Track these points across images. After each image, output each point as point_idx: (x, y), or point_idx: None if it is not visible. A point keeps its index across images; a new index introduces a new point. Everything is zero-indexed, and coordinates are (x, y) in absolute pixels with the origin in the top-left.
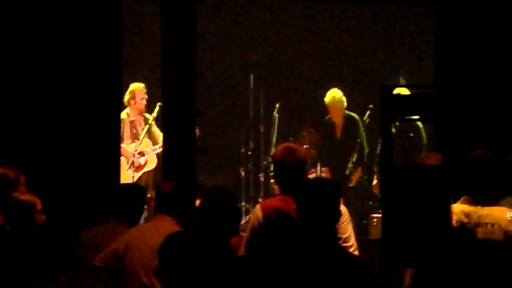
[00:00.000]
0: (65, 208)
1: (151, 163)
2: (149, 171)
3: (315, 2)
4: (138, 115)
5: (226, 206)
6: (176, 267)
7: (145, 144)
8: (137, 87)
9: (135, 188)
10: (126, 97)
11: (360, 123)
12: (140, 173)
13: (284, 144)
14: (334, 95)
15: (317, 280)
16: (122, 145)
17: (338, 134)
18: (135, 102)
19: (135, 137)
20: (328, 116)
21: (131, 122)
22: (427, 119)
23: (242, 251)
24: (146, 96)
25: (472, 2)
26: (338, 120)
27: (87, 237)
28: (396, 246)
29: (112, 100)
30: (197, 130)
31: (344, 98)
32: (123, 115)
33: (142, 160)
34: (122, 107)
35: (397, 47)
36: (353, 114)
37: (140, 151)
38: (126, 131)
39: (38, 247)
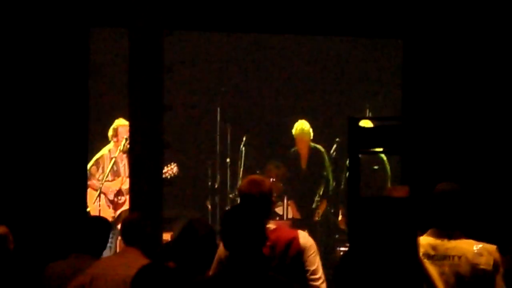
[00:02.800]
0: (32, 241)
1: None
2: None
3: (283, 35)
4: (121, 152)
5: (208, 241)
6: None
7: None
8: (121, 124)
9: (99, 221)
10: (109, 133)
11: (325, 155)
12: (119, 211)
13: (250, 177)
14: (302, 127)
15: None
16: (102, 181)
17: (304, 166)
18: (117, 140)
19: (116, 174)
20: (294, 148)
21: (111, 159)
22: (393, 151)
23: None
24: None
25: (438, 36)
26: (304, 151)
27: (53, 271)
28: (363, 278)
29: (78, 133)
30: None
31: (311, 130)
32: (105, 150)
33: (122, 199)
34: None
35: (364, 81)
36: (318, 146)
37: (119, 189)
38: (106, 167)
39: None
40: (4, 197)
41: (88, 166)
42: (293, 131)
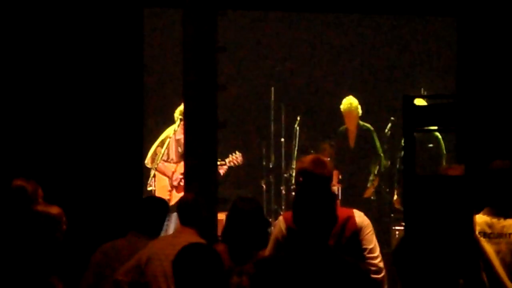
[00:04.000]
0: (88, 220)
1: None
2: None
3: (336, 14)
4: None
5: (253, 219)
6: (189, 279)
7: None
8: None
9: (157, 201)
10: (177, 113)
11: (374, 134)
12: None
13: (313, 156)
14: (350, 101)
15: (314, 285)
16: (166, 163)
17: (352, 144)
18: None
19: (180, 155)
20: (343, 126)
21: (177, 140)
22: (448, 129)
23: None
24: None
25: (492, 13)
26: (352, 128)
27: (109, 250)
28: (418, 256)
29: (134, 114)
30: None
31: (359, 107)
32: (170, 131)
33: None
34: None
35: (418, 59)
36: (367, 124)
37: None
38: (171, 149)
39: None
40: (62, 179)
41: (153, 146)
42: (341, 106)
